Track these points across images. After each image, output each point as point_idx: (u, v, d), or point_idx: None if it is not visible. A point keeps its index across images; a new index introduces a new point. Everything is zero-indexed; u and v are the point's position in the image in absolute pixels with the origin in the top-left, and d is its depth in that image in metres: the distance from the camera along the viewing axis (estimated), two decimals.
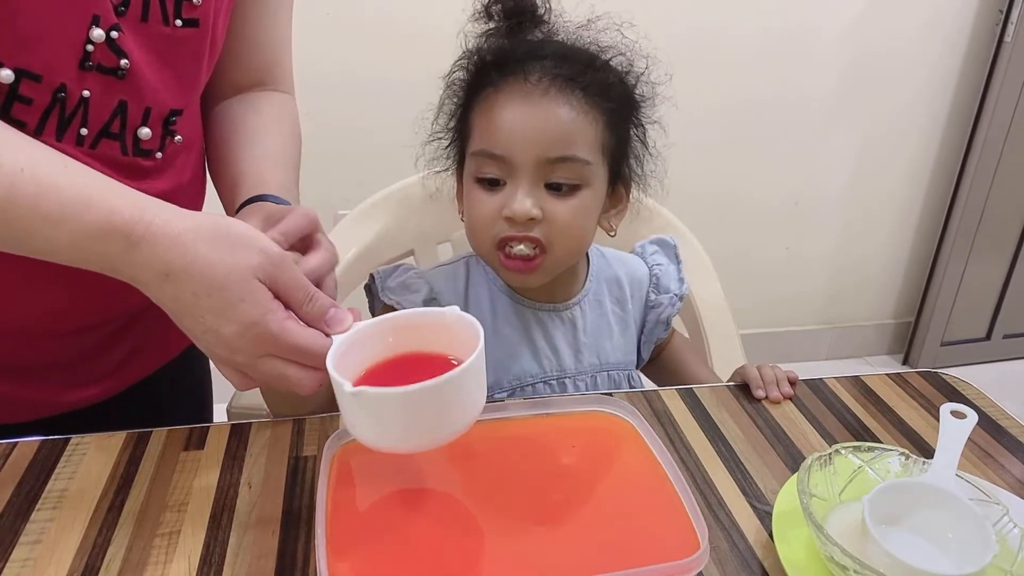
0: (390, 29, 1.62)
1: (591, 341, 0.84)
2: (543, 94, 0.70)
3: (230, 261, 0.52)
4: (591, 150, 0.72)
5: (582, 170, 0.71)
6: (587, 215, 0.74)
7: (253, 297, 0.52)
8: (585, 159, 0.71)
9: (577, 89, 0.70)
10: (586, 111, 0.71)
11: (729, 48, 1.81)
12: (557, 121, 0.70)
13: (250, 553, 0.55)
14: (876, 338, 2.30)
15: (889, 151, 2.04)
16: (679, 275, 0.89)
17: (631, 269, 0.89)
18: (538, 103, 0.70)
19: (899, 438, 0.73)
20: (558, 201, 0.71)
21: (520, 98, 0.70)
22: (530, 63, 0.71)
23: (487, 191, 0.73)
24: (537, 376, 0.82)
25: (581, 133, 0.71)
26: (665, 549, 0.55)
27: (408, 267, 0.84)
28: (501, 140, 0.71)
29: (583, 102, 0.71)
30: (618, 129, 0.75)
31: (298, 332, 0.53)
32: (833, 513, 0.59)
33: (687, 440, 0.71)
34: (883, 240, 2.16)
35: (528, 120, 0.70)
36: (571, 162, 0.70)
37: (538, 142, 0.70)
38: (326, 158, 1.72)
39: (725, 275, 1.10)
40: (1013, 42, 1.85)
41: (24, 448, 0.65)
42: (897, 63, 1.92)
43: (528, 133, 0.70)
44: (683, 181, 1.86)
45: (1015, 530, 0.55)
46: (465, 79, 0.76)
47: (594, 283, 0.85)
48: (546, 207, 0.71)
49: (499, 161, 0.71)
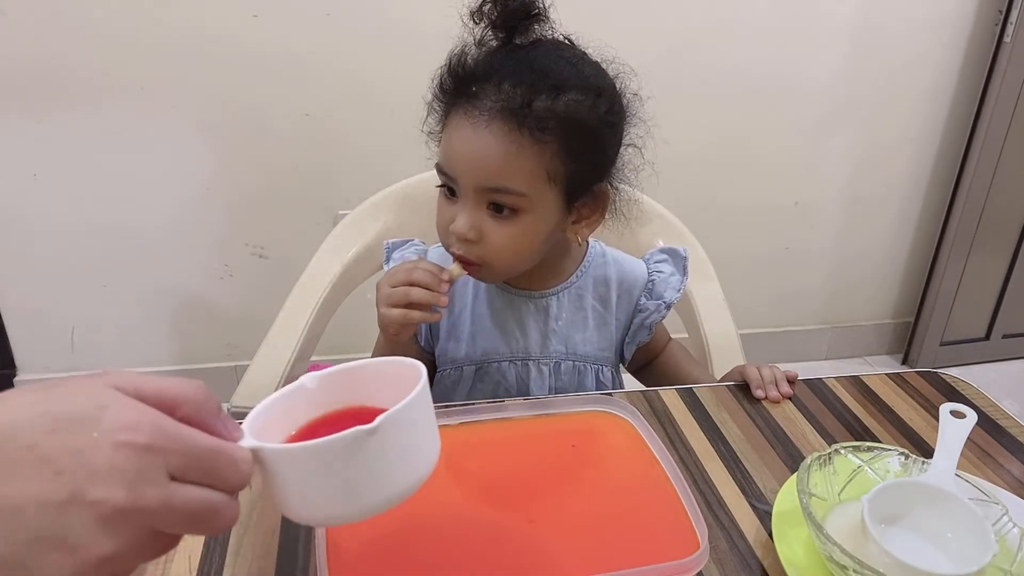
0: (390, 29, 1.62)
1: (561, 330, 0.87)
2: (486, 124, 0.71)
3: (67, 387, 0.37)
4: (530, 181, 0.72)
5: (519, 200, 0.73)
6: (526, 238, 0.76)
7: (121, 400, 0.37)
8: (519, 191, 0.72)
9: (521, 123, 0.70)
10: (528, 144, 0.71)
11: (729, 48, 1.81)
12: (493, 154, 0.71)
13: (250, 553, 0.55)
14: (876, 338, 2.30)
15: (889, 151, 2.04)
16: (679, 286, 0.90)
17: (626, 272, 0.90)
18: (479, 133, 0.71)
19: (899, 438, 0.73)
20: (498, 224, 0.74)
21: (467, 123, 0.72)
22: (487, 87, 0.71)
23: (447, 199, 0.77)
24: (504, 356, 0.86)
25: (517, 166, 0.71)
26: (665, 549, 0.55)
27: (414, 242, 0.90)
28: (449, 161, 0.74)
29: (526, 136, 0.70)
30: (577, 155, 0.74)
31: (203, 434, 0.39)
32: (833, 513, 0.59)
33: (687, 440, 0.71)
34: (882, 240, 2.16)
35: (469, 148, 0.72)
36: (505, 192, 0.72)
37: (476, 170, 0.72)
38: (326, 158, 1.73)
39: (725, 275, 1.10)
40: (1012, 42, 1.85)
41: None
42: (897, 63, 1.92)
43: (467, 160, 0.72)
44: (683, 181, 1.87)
45: (1014, 530, 0.55)
46: (442, 86, 0.77)
47: (580, 278, 0.88)
48: (485, 229, 0.74)
49: (449, 179, 0.75)
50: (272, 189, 1.75)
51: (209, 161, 1.71)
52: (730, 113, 1.88)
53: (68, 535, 0.34)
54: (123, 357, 1.86)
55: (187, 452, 0.37)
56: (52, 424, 0.35)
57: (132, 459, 0.35)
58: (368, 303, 1.18)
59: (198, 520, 0.38)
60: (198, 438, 0.38)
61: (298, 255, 1.11)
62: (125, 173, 1.68)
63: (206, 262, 1.80)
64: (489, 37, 0.74)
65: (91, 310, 1.80)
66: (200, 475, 0.38)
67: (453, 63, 0.75)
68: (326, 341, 1.07)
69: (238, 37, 1.59)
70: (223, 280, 1.83)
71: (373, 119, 1.68)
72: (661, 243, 1.10)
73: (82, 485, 0.34)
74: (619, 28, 1.76)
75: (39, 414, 0.35)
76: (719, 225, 1.93)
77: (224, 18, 1.58)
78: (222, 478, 0.39)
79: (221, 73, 1.62)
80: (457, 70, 0.74)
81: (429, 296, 0.73)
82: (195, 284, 1.83)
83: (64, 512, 0.34)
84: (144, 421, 0.36)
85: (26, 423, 0.35)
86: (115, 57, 1.58)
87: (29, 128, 1.61)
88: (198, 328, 1.87)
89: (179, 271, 1.80)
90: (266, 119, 1.68)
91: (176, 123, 1.66)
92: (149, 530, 0.36)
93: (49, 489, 0.34)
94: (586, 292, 0.88)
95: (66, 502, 0.34)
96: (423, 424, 0.45)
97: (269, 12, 1.59)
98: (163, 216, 1.74)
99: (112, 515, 0.34)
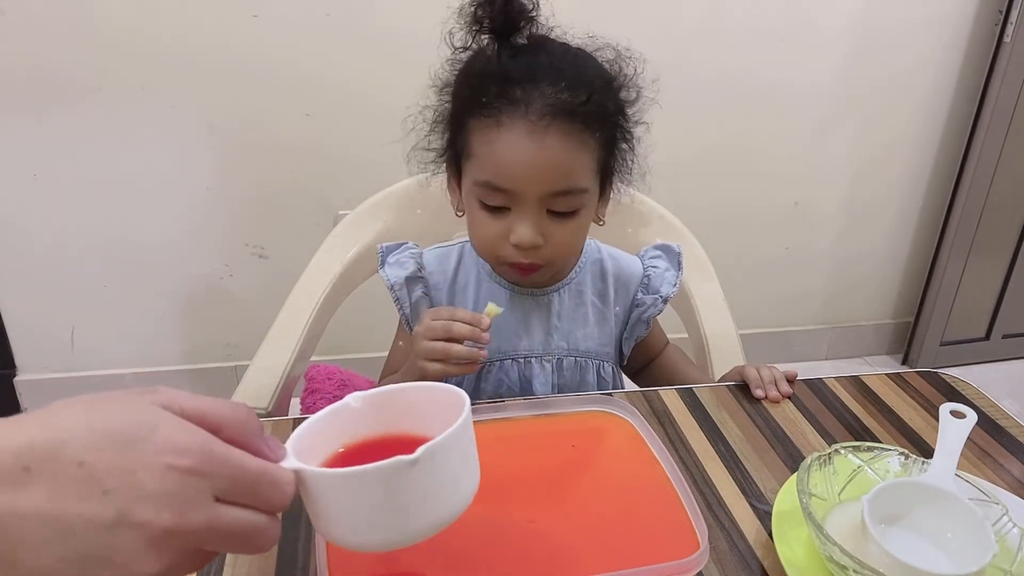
0: (391, 29, 1.62)
1: (563, 326, 0.87)
2: (544, 130, 0.70)
3: (113, 403, 0.37)
4: (590, 177, 0.75)
5: (582, 197, 0.75)
6: (583, 231, 0.79)
7: (171, 421, 0.37)
8: (583, 188, 0.74)
9: (576, 121, 0.71)
10: (584, 141, 0.73)
11: (728, 49, 1.81)
12: (560, 158, 0.71)
13: None
14: (876, 338, 2.30)
15: (888, 151, 2.04)
16: (675, 280, 0.90)
17: (622, 267, 0.91)
18: (541, 140, 0.70)
19: (899, 438, 0.73)
20: (558, 225, 0.75)
21: (523, 134, 0.71)
22: (530, 91, 0.71)
23: (491, 214, 0.75)
24: (507, 354, 0.86)
25: (581, 164, 0.73)
26: (665, 549, 0.55)
27: (409, 245, 0.89)
28: (507, 176, 0.72)
29: (582, 133, 0.72)
30: (611, 145, 0.78)
31: (248, 456, 0.39)
32: (833, 513, 0.59)
33: (687, 440, 0.71)
34: (883, 240, 2.16)
35: (533, 157, 0.71)
36: (571, 193, 0.74)
37: (543, 178, 0.72)
38: (326, 158, 1.73)
39: (725, 275, 1.10)
40: (1012, 42, 1.85)
41: None
42: (896, 63, 1.92)
43: (532, 170, 0.71)
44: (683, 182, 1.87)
45: (1014, 530, 0.55)
46: (461, 93, 0.76)
47: (579, 273, 0.88)
48: (547, 232, 0.75)
49: (505, 193, 0.73)
50: (272, 189, 1.75)
51: (209, 161, 1.71)
52: (730, 114, 1.88)
53: (115, 555, 0.34)
54: (123, 357, 1.87)
55: (232, 475, 0.38)
56: (100, 442, 0.35)
57: (180, 482, 0.36)
58: (368, 302, 1.19)
59: (240, 540, 0.38)
60: (243, 461, 0.38)
61: (298, 255, 1.11)
62: (125, 173, 1.68)
63: (206, 262, 1.80)
64: (481, 42, 0.73)
65: (91, 310, 1.80)
66: (244, 497, 0.38)
67: (474, 73, 0.74)
68: (326, 341, 1.07)
69: (238, 38, 1.59)
70: (223, 280, 1.83)
71: (373, 119, 1.68)
72: None
73: (130, 506, 0.34)
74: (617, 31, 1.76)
75: (86, 431, 0.35)
76: (719, 225, 1.93)
77: (224, 19, 1.58)
78: (265, 500, 0.39)
79: (221, 73, 1.62)
80: (483, 78, 0.72)
81: (469, 353, 0.73)
82: (195, 284, 1.83)
83: (112, 533, 0.34)
84: (193, 444, 0.37)
85: (73, 440, 0.34)
86: (115, 58, 1.58)
87: (29, 128, 1.61)
88: (198, 328, 1.87)
89: (179, 271, 1.80)
90: (266, 119, 1.68)
91: (176, 123, 1.66)
92: (192, 548, 0.37)
93: (98, 509, 0.34)
94: (585, 288, 0.88)
95: (114, 523, 0.34)
96: (464, 455, 0.45)
97: (269, 12, 1.59)
98: (163, 216, 1.74)
99: (159, 537, 0.35)
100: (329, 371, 1.13)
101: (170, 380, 1.89)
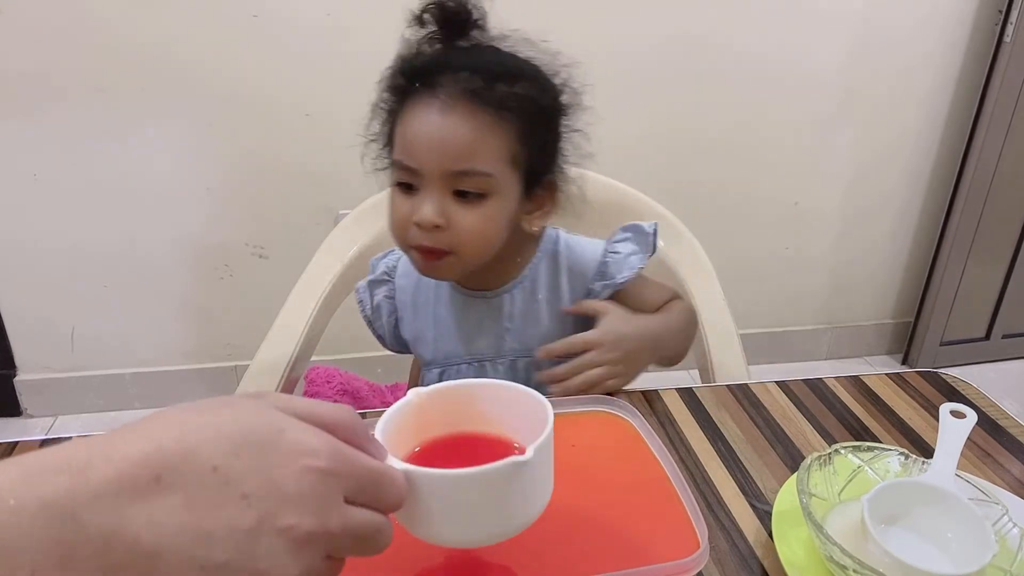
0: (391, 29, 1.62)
1: (516, 327, 0.86)
2: (450, 109, 0.72)
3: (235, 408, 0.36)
4: (495, 162, 0.74)
5: (486, 181, 0.74)
6: (493, 222, 0.76)
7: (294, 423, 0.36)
8: (487, 172, 0.74)
9: (484, 104, 0.72)
10: (492, 125, 0.73)
11: (728, 50, 1.81)
12: (460, 135, 0.72)
13: None
14: (876, 338, 2.30)
15: (888, 151, 2.04)
16: (638, 264, 0.85)
17: (576, 257, 0.87)
18: (444, 117, 0.72)
19: (899, 438, 0.73)
20: (464, 209, 0.74)
21: (431, 113, 0.73)
22: (445, 76, 0.73)
23: (403, 195, 0.76)
24: (461, 357, 0.87)
25: (484, 147, 0.73)
26: (665, 549, 0.55)
27: (393, 250, 0.92)
28: (412, 152, 0.74)
29: (490, 117, 0.73)
30: (533, 140, 0.76)
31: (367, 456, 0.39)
32: (832, 513, 0.59)
33: (687, 440, 0.71)
34: (883, 240, 2.16)
35: (435, 133, 0.73)
36: (473, 174, 0.73)
37: (442, 155, 0.73)
38: (326, 158, 1.73)
39: (725, 275, 1.10)
40: (1012, 42, 1.85)
41: (24, 448, 0.65)
42: (897, 63, 1.92)
43: (432, 145, 0.73)
44: (683, 182, 1.87)
45: (1014, 530, 0.55)
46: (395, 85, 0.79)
47: (532, 271, 0.86)
48: (452, 215, 0.74)
49: (411, 172, 0.75)
50: (272, 189, 1.75)
51: (209, 161, 1.71)
52: (730, 114, 1.88)
53: (258, 561, 0.34)
54: (123, 357, 1.87)
55: (359, 475, 0.38)
56: (231, 447, 0.34)
57: (317, 484, 0.35)
58: None
59: (366, 542, 0.38)
60: (367, 461, 0.38)
61: (298, 255, 1.11)
62: (125, 173, 1.68)
63: (206, 262, 1.80)
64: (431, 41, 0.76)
65: (91, 310, 1.80)
66: (368, 497, 0.38)
67: (406, 60, 0.77)
68: (326, 341, 1.07)
69: (238, 37, 1.59)
70: (223, 280, 1.83)
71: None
72: (662, 243, 1.10)
73: (272, 510, 0.34)
74: (616, 34, 1.76)
75: (213, 436, 0.34)
76: (719, 225, 1.93)
77: (224, 18, 1.58)
78: (385, 500, 0.39)
79: (221, 73, 1.62)
80: (412, 65, 0.76)
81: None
82: (195, 284, 1.83)
83: (254, 538, 0.33)
84: (322, 445, 0.36)
85: (204, 443, 0.33)
86: (115, 58, 1.58)
87: (29, 128, 1.61)
88: (198, 328, 1.87)
89: (179, 271, 1.80)
90: (266, 119, 1.68)
91: (176, 123, 1.66)
92: (324, 554, 0.36)
93: (237, 514, 0.33)
94: (538, 285, 0.86)
95: (256, 528, 0.33)
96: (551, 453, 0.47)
97: (269, 12, 1.59)
98: (163, 216, 1.74)
99: (301, 540, 0.34)
100: (329, 374, 1.13)
101: (170, 380, 1.89)
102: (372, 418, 0.63)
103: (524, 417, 0.48)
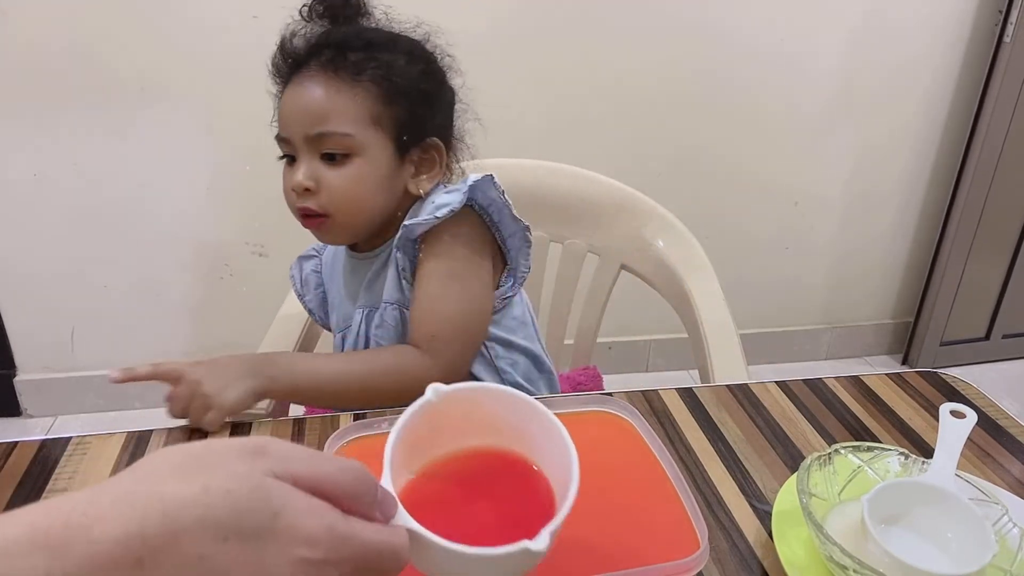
0: None
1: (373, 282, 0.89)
2: (311, 79, 0.79)
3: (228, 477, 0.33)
4: (353, 123, 0.78)
5: (345, 141, 0.78)
6: (361, 182, 0.80)
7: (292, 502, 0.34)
8: (344, 132, 0.78)
9: (338, 70, 0.78)
10: (345, 90, 0.78)
11: (728, 49, 1.81)
12: (315, 100, 0.78)
13: None
14: (875, 338, 2.30)
15: (888, 151, 2.04)
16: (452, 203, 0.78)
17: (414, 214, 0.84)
18: (303, 87, 0.79)
19: (899, 438, 0.73)
20: (332, 170, 0.79)
21: (294, 86, 0.80)
22: (312, 57, 0.80)
23: (288, 167, 0.83)
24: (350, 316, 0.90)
25: (343, 108, 0.78)
26: (665, 549, 0.55)
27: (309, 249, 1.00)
28: (282, 124, 0.81)
29: (343, 82, 0.78)
30: (400, 103, 0.80)
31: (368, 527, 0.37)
32: (832, 513, 0.59)
33: (687, 440, 0.71)
34: (882, 240, 2.16)
35: (294, 102, 0.80)
36: (332, 136, 0.78)
37: (302, 121, 0.79)
38: None
39: (725, 275, 1.10)
40: (1012, 42, 1.85)
41: (25, 448, 0.65)
42: (897, 63, 1.92)
43: (294, 114, 0.79)
44: (683, 181, 1.87)
45: (1014, 530, 0.55)
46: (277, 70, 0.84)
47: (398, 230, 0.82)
48: (321, 177, 0.79)
49: (286, 141, 0.81)
50: (272, 189, 1.75)
51: (209, 161, 1.71)
52: (730, 114, 1.88)
53: None
54: (123, 357, 1.86)
55: (356, 555, 0.36)
56: (220, 532, 0.32)
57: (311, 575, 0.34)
58: None
59: None
60: (369, 537, 0.37)
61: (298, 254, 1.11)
62: (125, 173, 1.68)
63: (206, 262, 1.80)
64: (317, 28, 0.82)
65: (91, 310, 1.80)
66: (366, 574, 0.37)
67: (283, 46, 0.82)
68: (326, 341, 1.07)
69: (238, 38, 1.59)
70: (223, 280, 1.83)
71: None
72: (662, 243, 1.10)
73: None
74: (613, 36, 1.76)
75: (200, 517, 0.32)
76: (719, 225, 1.93)
77: (224, 19, 1.58)
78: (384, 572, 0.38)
79: (221, 74, 1.62)
80: (286, 50, 0.82)
81: None
82: (195, 284, 1.83)
83: None
84: (320, 531, 0.34)
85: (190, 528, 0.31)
86: (115, 57, 1.58)
87: (29, 128, 1.61)
88: (198, 328, 1.87)
89: (179, 271, 1.80)
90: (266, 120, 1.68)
91: (176, 123, 1.66)
92: None
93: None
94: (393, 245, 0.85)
95: None
96: None
97: (269, 13, 1.58)
98: (163, 216, 1.74)
99: None
100: None
101: None
102: (389, 416, 0.63)
103: (542, 438, 0.47)
